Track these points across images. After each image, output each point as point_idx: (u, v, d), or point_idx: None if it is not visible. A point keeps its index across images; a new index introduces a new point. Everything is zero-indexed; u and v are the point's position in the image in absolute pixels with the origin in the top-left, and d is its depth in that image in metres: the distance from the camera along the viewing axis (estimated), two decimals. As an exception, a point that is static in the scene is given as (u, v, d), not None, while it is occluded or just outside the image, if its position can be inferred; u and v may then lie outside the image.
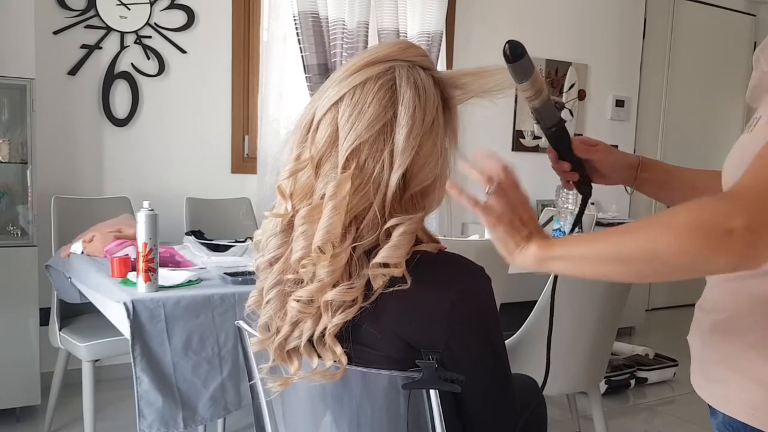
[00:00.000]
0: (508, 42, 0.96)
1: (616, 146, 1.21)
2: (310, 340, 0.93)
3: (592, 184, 1.14)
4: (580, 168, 1.11)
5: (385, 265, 0.89)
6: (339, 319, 0.89)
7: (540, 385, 1.21)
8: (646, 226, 0.75)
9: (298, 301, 0.92)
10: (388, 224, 0.90)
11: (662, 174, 1.14)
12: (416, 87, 0.93)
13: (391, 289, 0.89)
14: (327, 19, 3.36)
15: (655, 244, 0.71)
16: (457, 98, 0.99)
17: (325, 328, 0.91)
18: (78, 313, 2.52)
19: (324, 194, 0.90)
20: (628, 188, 1.15)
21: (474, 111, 1.12)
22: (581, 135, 1.08)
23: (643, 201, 4.74)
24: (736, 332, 0.88)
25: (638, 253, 0.74)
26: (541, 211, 3.96)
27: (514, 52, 0.96)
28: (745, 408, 0.86)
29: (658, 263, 0.72)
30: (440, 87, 0.97)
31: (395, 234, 0.90)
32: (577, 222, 1.13)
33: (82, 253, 2.30)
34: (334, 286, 0.90)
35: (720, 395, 0.91)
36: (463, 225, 3.97)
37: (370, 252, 0.91)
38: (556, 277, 1.10)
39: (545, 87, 1.02)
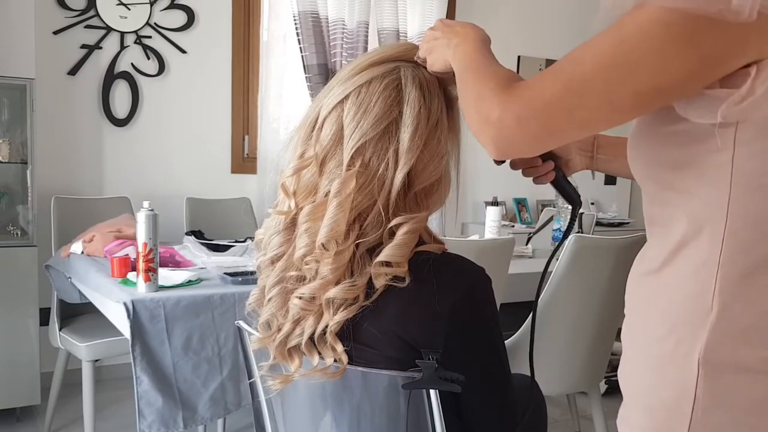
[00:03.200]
0: None
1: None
2: (311, 339, 0.93)
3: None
4: (554, 159, 1.07)
5: (388, 264, 0.89)
6: (340, 316, 0.90)
7: (538, 384, 1.22)
8: (480, 76, 0.80)
9: (300, 298, 0.92)
10: (392, 223, 0.91)
11: (612, 149, 1.11)
12: (421, 87, 0.93)
13: (393, 288, 0.89)
14: (327, 19, 3.36)
15: (466, 98, 0.81)
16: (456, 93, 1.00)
17: (326, 326, 0.91)
18: (78, 313, 2.52)
19: (328, 192, 0.91)
20: (593, 172, 1.14)
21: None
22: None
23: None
24: (633, 338, 0.81)
25: (464, 96, 0.82)
26: (542, 211, 3.96)
27: None
28: (633, 428, 0.78)
29: (466, 117, 0.81)
30: (443, 86, 0.98)
31: (399, 233, 0.90)
32: (570, 227, 1.11)
33: (82, 253, 2.30)
34: (337, 283, 0.90)
35: (621, 414, 0.82)
36: (463, 225, 3.97)
37: (373, 250, 0.91)
38: (541, 283, 1.11)
39: None
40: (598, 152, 1.11)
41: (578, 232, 2.48)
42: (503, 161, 1.00)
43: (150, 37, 3.13)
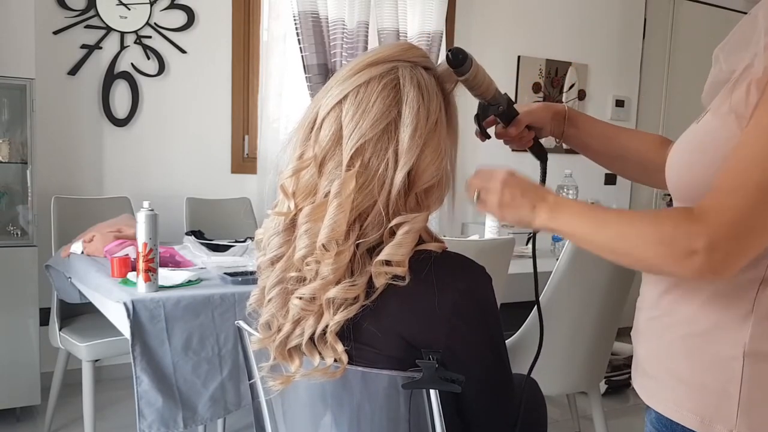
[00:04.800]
0: (449, 50, 1.00)
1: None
2: (311, 339, 0.93)
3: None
4: (532, 128, 1.18)
5: (388, 263, 0.89)
6: (340, 316, 0.90)
7: (537, 383, 1.22)
8: (629, 225, 0.83)
9: (300, 298, 0.92)
10: (393, 222, 0.91)
11: (586, 137, 1.21)
12: (419, 87, 0.93)
13: (393, 287, 0.89)
14: (327, 19, 3.36)
15: (630, 247, 0.82)
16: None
17: (326, 326, 0.91)
18: (78, 313, 2.52)
19: (328, 192, 0.91)
20: (556, 140, 1.24)
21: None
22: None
23: (643, 199, 4.74)
24: (664, 330, 0.92)
25: (617, 248, 0.84)
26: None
27: (456, 59, 0.99)
28: (668, 404, 0.90)
29: (632, 262, 0.84)
30: (441, 85, 0.98)
31: (399, 232, 0.90)
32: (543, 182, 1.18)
33: (82, 253, 2.30)
34: (337, 283, 0.90)
35: (649, 389, 0.95)
36: (463, 225, 3.97)
37: (373, 250, 0.91)
38: (536, 278, 1.16)
39: (492, 81, 1.07)
40: (567, 125, 1.20)
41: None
42: (489, 137, 1.11)
43: (150, 37, 3.13)
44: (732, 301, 0.84)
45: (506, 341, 1.04)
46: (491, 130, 1.16)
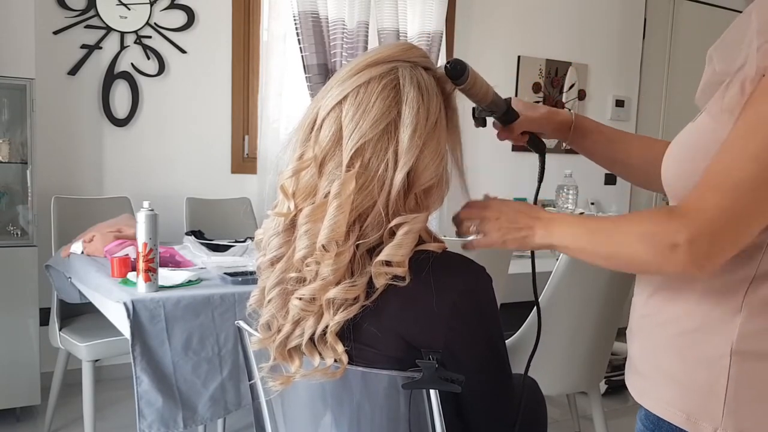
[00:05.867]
0: (448, 62, 1.00)
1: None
2: (311, 339, 0.93)
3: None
4: (529, 132, 1.20)
5: (388, 264, 0.89)
6: (340, 317, 0.90)
7: (537, 383, 1.21)
8: (615, 227, 0.87)
9: (300, 299, 0.92)
10: (392, 223, 0.91)
11: (591, 144, 1.22)
12: (419, 87, 0.93)
13: (393, 287, 0.89)
14: (327, 19, 3.36)
15: (618, 248, 0.85)
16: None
17: (326, 327, 0.91)
18: (78, 313, 2.52)
19: (327, 193, 0.90)
20: (564, 143, 1.25)
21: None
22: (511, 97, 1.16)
23: (643, 199, 4.74)
24: (654, 329, 0.93)
25: (608, 253, 0.87)
26: (541, 211, 3.95)
27: (455, 71, 0.99)
28: (656, 401, 0.91)
29: (623, 263, 0.87)
30: (441, 86, 0.98)
31: (399, 233, 0.90)
32: (540, 180, 1.20)
33: (82, 253, 2.30)
34: (337, 284, 0.90)
35: (639, 387, 0.96)
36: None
37: (373, 250, 0.91)
38: (534, 272, 1.17)
39: (490, 87, 1.07)
40: (573, 133, 1.21)
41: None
42: (484, 125, 1.13)
43: (150, 37, 3.13)
44: (721, 300, 0.85)
45: (506, 341, 1.04)
46: (489, 119, 1.17)
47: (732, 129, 0.79)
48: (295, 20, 3.29)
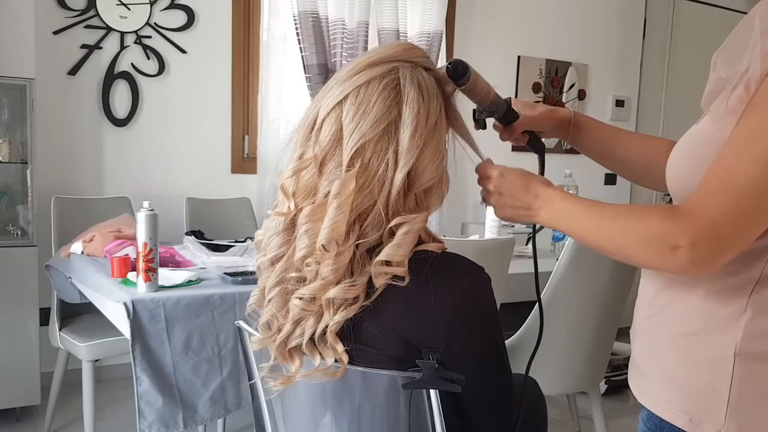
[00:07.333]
0: (449, 63, 1.00)
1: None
2: (311, 339, 0.93)
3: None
4: (529, 131, 1.20)
5: (388, 264, 0.89)
6: (340, 316, 0.90)
7: (537, 383, 1.21)
8: (618, 217, 0.86)
9: (300, 299, 0.92)
10: (392, 223, 0.91)
11: (590, 142, 1.22)
12: (420, 87, 0.93)
13: (393, 287, 0.89)
14: (327, 19, 3.36)
15: (620, 240, 0.85)
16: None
17: (326, 326, 0.91)
18: (78, 313, 2.52)
19: (327, 193, 0.91)
20: (564, 142, 1.26)
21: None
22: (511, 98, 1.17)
23: (643, 199, 4.74)
24: (657, 329, 0.94)
25: (608, 243, 0.87)
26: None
27: (456, 72, 0.99)
28: (658, 402, 0.91)
29: (622, 256, 0.86)
30: (441, 86, 0.98)
31: (399, 233, 0.90)
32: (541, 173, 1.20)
33: (82, 253, 2.30)
34: (337, 283, 0.90)
35: (641, 388, 0.96)
36: (463, 225, 3.97)
37: (373, 250, 0.91)
38: (536, 267, 1.16)
39: (490, 87, 1.07)
40: (573, 130, 1.21)
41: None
42: (485, 127, 1.13)
43: (150, 37, 3.13)
44: (725, 302, 0.85)
45: (506, 341, 1.04)
46: (489, 121, 1.17)
47: (734, 131, 0.79)
48: (295, 20, 3.29)
